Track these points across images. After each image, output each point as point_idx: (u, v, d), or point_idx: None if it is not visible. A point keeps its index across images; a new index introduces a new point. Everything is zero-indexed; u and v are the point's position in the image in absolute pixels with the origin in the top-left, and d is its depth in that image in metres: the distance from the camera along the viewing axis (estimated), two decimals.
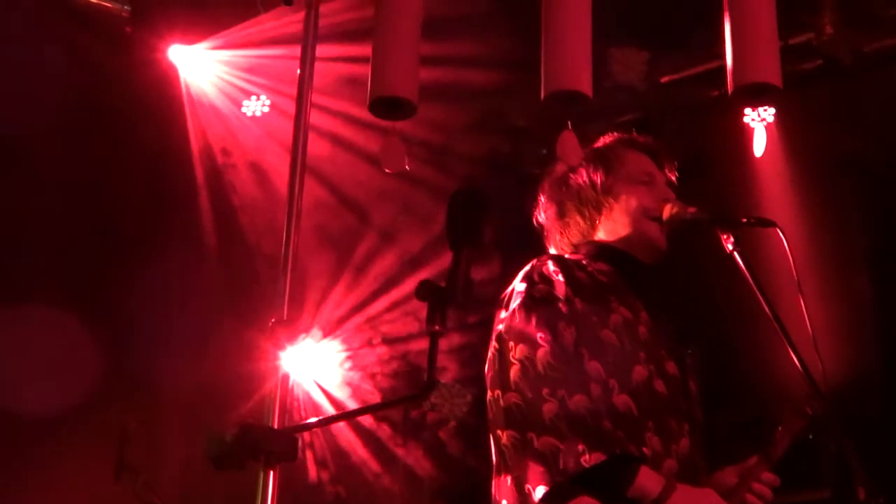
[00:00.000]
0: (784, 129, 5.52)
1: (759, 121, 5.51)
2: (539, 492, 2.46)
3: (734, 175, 5.50)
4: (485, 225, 1.95)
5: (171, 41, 5.46)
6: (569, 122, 2.21)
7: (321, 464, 5.72)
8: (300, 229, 2.20)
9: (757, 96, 2.20)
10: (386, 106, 2.22)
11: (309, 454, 5.64)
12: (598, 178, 2.98)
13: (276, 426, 2.08)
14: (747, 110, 5.40)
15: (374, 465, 5.72)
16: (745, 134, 5.48)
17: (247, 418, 1.99)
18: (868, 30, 5.18)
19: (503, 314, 2.75)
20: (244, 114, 5.71)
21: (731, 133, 5.51)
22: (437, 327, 1.89)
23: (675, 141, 5.60)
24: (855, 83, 5.33)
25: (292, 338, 2.15)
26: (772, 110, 5.47)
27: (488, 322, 2.81)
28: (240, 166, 5.83)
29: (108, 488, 4.30)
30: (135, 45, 5.27)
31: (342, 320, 5.91)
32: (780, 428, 2.74)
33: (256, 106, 5.67)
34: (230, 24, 5.32)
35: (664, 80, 5.65)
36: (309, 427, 5.21)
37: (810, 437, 2.75)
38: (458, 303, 1.89)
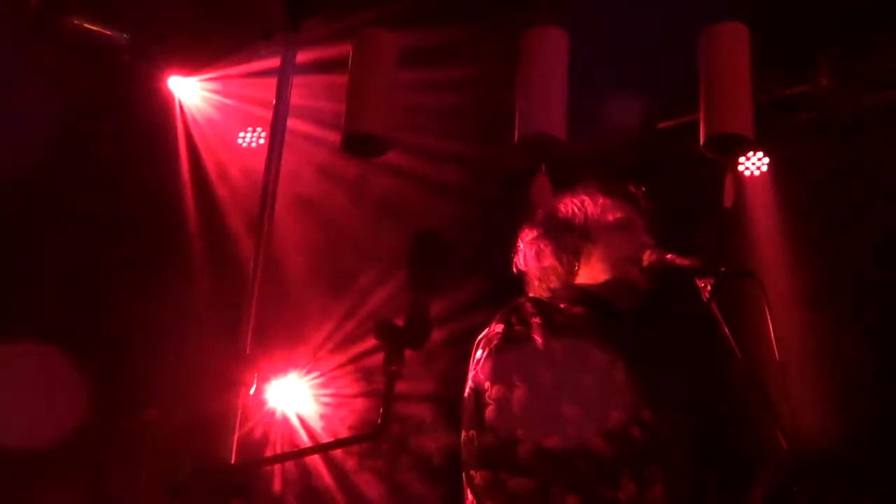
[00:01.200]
0: (779, 179, 5.52)
1: (754, 169, 5.53)
2: None
3: (727, 224, 5.49)
4: (444, 267, 1.94)
5: (170, 71, 5.48)
6: (542, 166, 2.21)
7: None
8: (267, 258, 2.20)
9: (728, 147, 2.21)
10: (358, 143, 2.23)
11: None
12: (576, 225, 2.97)
13: (234, 461, 2.07)
14: (741, 159, 5.41)
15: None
16: (740, 183, 5.48)
17: (203, 452, 1.97)
18: (865, 84, 5.20)
19: (479, 354, 2.74)
20: (240, 145, 5.73)
21: (724, 184, 5.49)
22: (393, 368, 1.88)
23: (670, 189, 5.64)
24: (850, 136, 5.34)
25: (255, 368, 2.14)
26: (766, 159, 5.49)
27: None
28: (235, 199, 5.84)
29: None
30: (133, 73, 5.29)
31: (324, 356, 5.91)
32: (755, 479, 2.73)
33: (252, 138, 5.69)
34: (229, 56, 5.35)
35: (660, 126, 5.66)
36: (267, 462, 5.18)
37: (795, 489, 2.73)
38: (415, 344, 1.88)
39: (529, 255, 3.03)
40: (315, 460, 5.63)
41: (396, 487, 5.79)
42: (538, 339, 2.68)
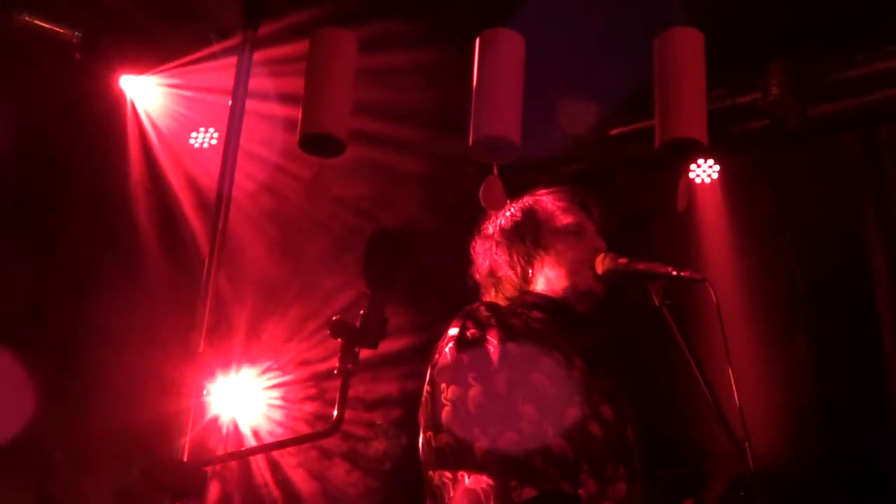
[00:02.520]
0: (729, 186, 5.59)
1: (704, 176, 5.59)
2: None
3: (679, 231, 5.55)
4: (403, 267, 1.94)
5: (122, 70, 5.43)
6: (494, 168, 2.22)
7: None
8: (222, 260, 2.18)
9: (682, 151, 2.22)
10: (315, 143, 2.23)
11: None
12: (527, 233, 2.99)
13: (185, 460, 2.04)
14: (692, 166, 5.47)
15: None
16: (691, 190, 5.54)
17: (153, 452, 1.95)
18: (813, 94, 5.28)
19: (435, 358, 2.75)
20: (192, 146, 5.69)
21: (677, 189, 5.53)
22: (349, 366, 1.88)
23: (622, 194, 5.69)
24: (798, 144, 5.42)
25: (207, 370, 2.12)
26: (717, 167, 5.55)
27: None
28: (186, 198, 5.80)
29: None
30: (84, 72, 5.23)
31: (277, 357, 5.90)
32: (712, 476, 2.75)
33: (204, 138, 5.65)
34: (181, 55, 5.31)
35: (613, 132, 5.71)
36: (218, 461, 5.14)
37: (742, 493, 2.75)
38: (370, 343, 1.88)
39: (483, 265, 3.05)
40: (262, 462, 5.63)
41: (339, 489, 5.80)
42: (493, 341, 2.69)
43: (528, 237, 2.98)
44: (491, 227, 3.07)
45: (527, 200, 3.09)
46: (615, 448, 2.75)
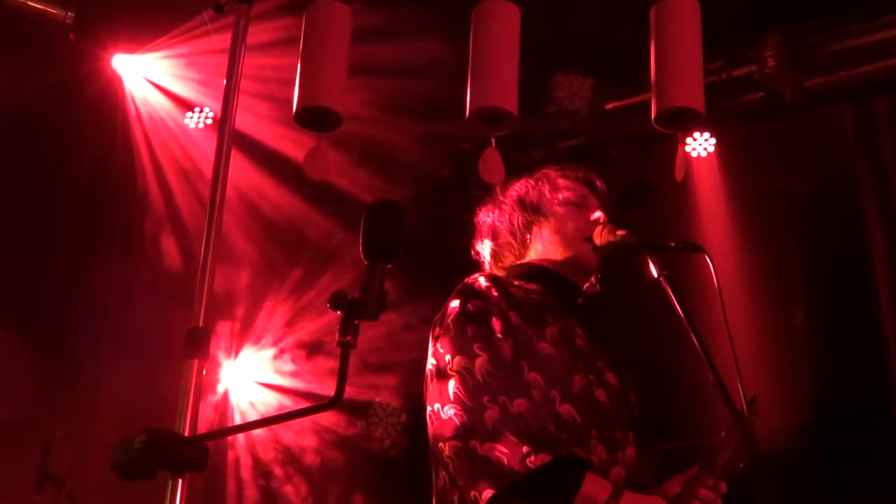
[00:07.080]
0: (725, 159, 5.59)
1: (701, 149, 5.58)
2: (486, 496, 2.45)
3: (676, 204, 5.55)
4: (401, 238, 1.94)
5: (115, 50, 5.41)
6: (493, 140, 2.22)
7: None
8: (220, 238, 2.18)
9: (679, 121, 2.22)
10: (312, 117, 2.23)
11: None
12: (528, 202, 2.99)
13: (186, 434, 2.05)
14: (688, 139, 5.47)
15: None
16: (689, 161, 5.53)
17: (155, 427, 1.95)
18: (808, 66, 5.27)
19: (438, 331, 2.74)
20: (187, 125, 5.68)
21: (673, 162, 5.53)
22: (348, 339, 1.88)
23: (618, 168, 5.69)
24: (794, 117, 5.42)
25: (207, 345, 2.12)
26: (713, 140, 5.54)
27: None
28: (182, 178, 5.79)
29: (31, 499, 4.23)
30: (78, 52, 5.22)
31: (272, 330, 5.92)
32: (722, 434, 2.74)
33: (199, 118, 5.64)
34: (175, 33, 5.29)
35: (609, 107, 5.70)
36: (220, 435, 5.15)
37: (741, 465, 2.76)
38: (370, 315, 1.88)
39: (485, 235, 3.06)
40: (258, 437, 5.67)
41: (335, 465, 5.83)
42: (495, 311, 2.69)
43: (530, 206, 2.99)
44: (493, 198, 3.08)
45: (532, 173, 3.10)
46: (621, 413, 2.76)
